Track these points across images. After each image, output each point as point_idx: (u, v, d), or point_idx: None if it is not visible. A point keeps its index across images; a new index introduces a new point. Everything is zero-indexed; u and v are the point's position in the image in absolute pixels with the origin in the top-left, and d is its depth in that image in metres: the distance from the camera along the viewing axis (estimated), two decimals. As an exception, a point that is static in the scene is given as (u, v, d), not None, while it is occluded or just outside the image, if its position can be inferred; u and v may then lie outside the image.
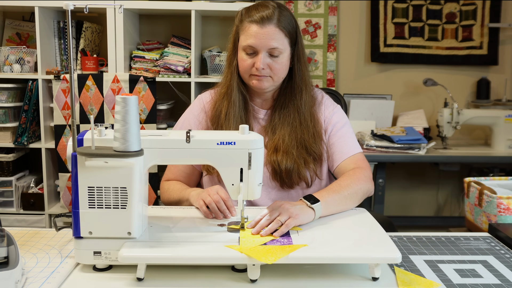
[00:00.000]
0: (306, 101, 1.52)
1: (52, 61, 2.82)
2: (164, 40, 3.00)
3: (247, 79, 1.50)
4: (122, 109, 1.03)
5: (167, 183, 1.60)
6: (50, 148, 2.73)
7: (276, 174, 1.49)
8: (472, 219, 1.63)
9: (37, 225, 2.76)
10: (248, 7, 1.50)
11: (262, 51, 1.44)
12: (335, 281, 1.07)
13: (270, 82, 1.48)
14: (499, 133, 3.04)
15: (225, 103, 1.52)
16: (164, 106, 2.79)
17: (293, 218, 1.19)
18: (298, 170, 1.47)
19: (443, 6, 3.29)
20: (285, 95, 1.54)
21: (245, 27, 1.46)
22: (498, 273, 1.13)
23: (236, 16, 1.52)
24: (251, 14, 1.46)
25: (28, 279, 1.02)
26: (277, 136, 1.50)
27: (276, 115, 1.53)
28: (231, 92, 1.51)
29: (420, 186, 3.43)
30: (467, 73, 3.36)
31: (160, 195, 1.62)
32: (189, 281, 1.06)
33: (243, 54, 1.47)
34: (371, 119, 3.10)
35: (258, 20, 1.43)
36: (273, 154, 1.49)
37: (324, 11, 3.25)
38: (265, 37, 1.42)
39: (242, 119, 1.51)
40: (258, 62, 1.44)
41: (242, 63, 1.48)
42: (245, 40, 1.45)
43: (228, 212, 1.29)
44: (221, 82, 1.58)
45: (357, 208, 1.41)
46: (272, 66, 1.46)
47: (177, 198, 1.51)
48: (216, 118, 1.54)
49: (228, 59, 1.55)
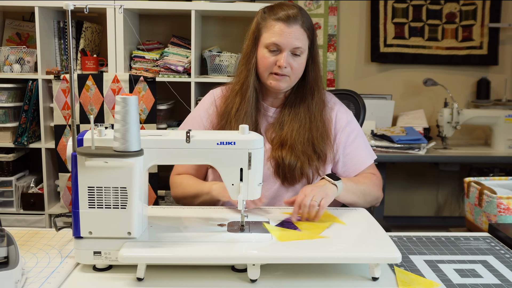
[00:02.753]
0: (317, 102, 1.53)
1: (52, 61, 2.82)
2: (164, 40, 3.00)
3: (265, 77, 1.49)
4: (122, 109, 1.03)
5: (179, 177, 1.58)
6: (50, 148, 2.73)
7: (278, 169, 1.49)
8: (472, 219, 1.63)
9: (37, 225, 2.76)
10: (270, 6, 1.50)
11: (286, 50, 1.44)
12: (335, 281, 1.07)
13: (287, 82, 1.48)
14: (499, 133, 3.04)
15: (237, 99, 1.52)
16: (164, 106, 2.79)
17: (325, 198, 1.29)
18: (301, 167, 1.47)
19: (443, 6, 3.29)
20: (296, 94, 1.54)
21: (270, 24, 1.46)
22: (498, 273, 1.13)
23: (258, 14, 1.52)
24: (276, 12, 1.46)
25: (28, 279, 1.02)
26: (284, 132, 1.51)
27: (285, 112, 1.54)
28: (246, 89, 1.51)
29: (420, 186, 3.43)
30: (467, 73, 3.36)
31: (171, 189, 1.60)
32: (189, 281, 1.06)
33: (265, 52, 1.47)
34: (371, 119, 3.10)
35: (285, 19, 1.43)
36: (278, 149, 1.50)
37: (324, 11, 3.25)
38: (291, 36, 1.43)
39: (252, 116, 1.51)
40: (281, 60, 1.44)
41: (264, 60, 1.47)
42: (270, 38, 1.45)
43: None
44: (235, 79, 1.57)
45: (357, 208, 1.42)
46: (292, 66, 1.46)
47: (194, 192, 1.50)
48: (226, 114, 1.53)
49: (246, 56, 1.53)
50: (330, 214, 1.32)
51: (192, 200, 1.51)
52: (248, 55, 1.52)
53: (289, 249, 1.08)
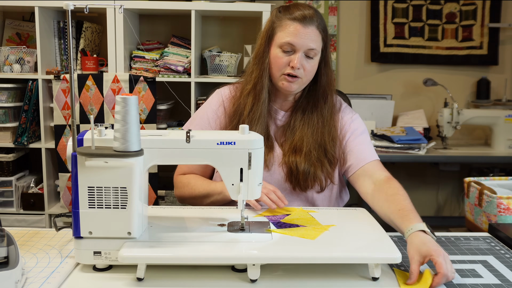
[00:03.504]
0: (330, 106, 1.51)
1: (52, 61, 2.82)
2: (164, 40, 3.00)
3: (277, 77, 1.47)
4: (122, 109, 1.03)
5: (185, 177, 1.55)
6: (50, 148, 2.73)
7: (291, 176, 1.47)
8: (472, 219, 1.62)
9: (37, 225, 2.76)
10: (285, 5, 1.48)
11: (300, 51, 1.42)
12: (335, 281, 1.07)
13: (299, 84, 1.46)
14: (499, 133, 3.04)
15: (250, 99, 1.48)
16: (164, 106, 2.79)
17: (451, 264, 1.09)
18: (315, 173, 1.45)
19: (443, 6, 3.29)
20: (308, 98, 1.52)
21: (285, 24, 1.43)
22: (498, 273, 1.13)
23: (272, 13, 1.50)
24: (292, 11, 1.44)
25: (28, 279, 1.02)
26: (297, 137, 1.49)
27: (297, 116, 1.51)
28: (260, 89, 1.48)
29: (420, 186, 3.43)
30: (467, 73, 3.36)
31: (176, 189, 1.57)
32: (189, 281, 1.06)
33: (278, 51, 1.45)
34: (371, 119, 3.11)
35: (301, 19, 1.41)
36: (292, 155, 1.47)
37: (324, 11, 3.25)
38: (306, 37, 1.41)
39: (265, 117, 1.49)
40: (295, 61, 1.42)
41: (277, 60, 1.45)
42: (284, 37, 1.42)
43: (284, 199, 1.35)
44: (246, 78, 1.54)
45: (357, 208, 1.41)
46: (305, 67, 1.44)
47: (204, 192, 1.47)
48: (236, 115, 1.50)
49: (258, 56, 1.50)
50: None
51: (201, 200, 1.48)
52: (261, 55, 1.49)
53: (289, 249, 1.08)
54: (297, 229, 1.21)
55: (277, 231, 1.18)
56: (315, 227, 1.22)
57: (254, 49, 1.55)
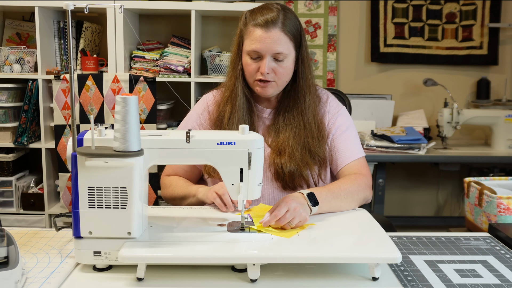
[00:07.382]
0: (310, 105, 1.51)
1: (52, 61, 2.82)
2: (164, 40, 3.00)
3: (252, 83, 1.49)
4: (122, 109, 1.03)
5: (168, 179, 1.59)
6: (50, 148, 2.73)
7: (279, 176, 1.48)
8: (472, 219, 1.63)
9: (37, 225, 2.76)
10: (252, 9, 1.48)
11: (267, 56, 1.42)
12: (335, 281, 1.07)
13: (274, 88, 1.47)
14: (499, 133, 3.04)
15: (228, 107, 1.51)
16: (164, 106, 2.79)
17: (303, 221, 1.23)
18: (301, 173, 1.46)
19: (443, 6, 3.29)
20: (289, 98, 1.52)
21: (250, 31, 1.44)
22: (498, 273, 1.13)
23: (240, 19, 1.50)
24: (255, 17, 1.43)
25: (28, 279, 1.02)
26: (281, 139, 1.49)
27: (280, 117, 1.52)
28: (235, 96, 1.50)
29: (420, 186, 3.43)
30: (467, 73, 3.36)
31: (162, 189, 1.62)
32: (189, 281, 1.06)
33: (247, 59, 1.46)
34: (371, 119, 3.11)
35: (263, 24, 1.41)
36: (277, 157, 1.48)
37: (324, 11, 3.25)
38: (270, 42, 1.40)
39: (246, 122, 1.50)
40: (263, 67, 1.42)
41: (247, 67, 1.46)
42: (250, 45, 1.43)
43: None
44: (225, 84, 1.56)
45: (357, 208, 1.42)
46: (276, 71, 1.44)
47: (182, 194, 1.51)
48: (219, 122, 1.52)
49: (232, 63, 1.53)
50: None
51: (180, 202, 1.52)
52: (235, 62, 1.52)
53: (289, 249, 1.09)
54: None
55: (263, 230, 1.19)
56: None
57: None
